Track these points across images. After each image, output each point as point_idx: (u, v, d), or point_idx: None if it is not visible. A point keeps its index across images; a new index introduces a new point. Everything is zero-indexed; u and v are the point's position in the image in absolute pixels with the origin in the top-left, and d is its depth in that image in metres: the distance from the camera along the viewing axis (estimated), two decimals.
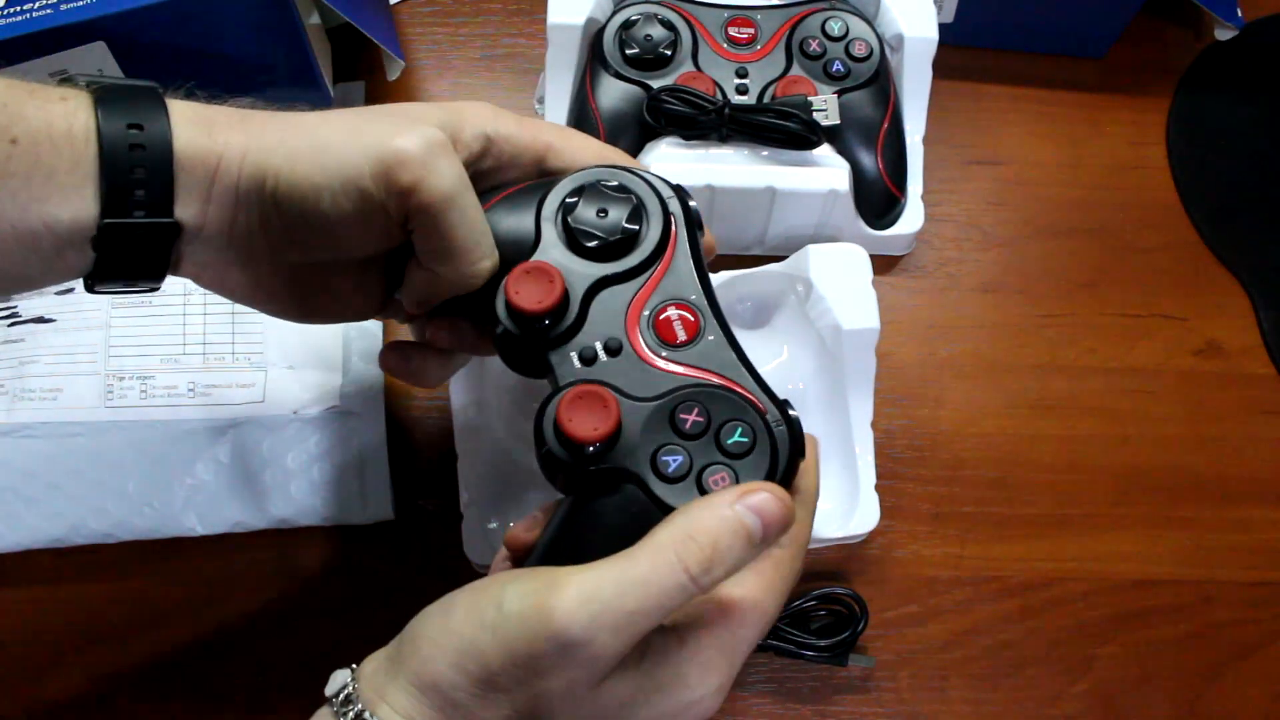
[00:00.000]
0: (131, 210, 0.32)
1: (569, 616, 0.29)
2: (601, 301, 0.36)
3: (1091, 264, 0.60)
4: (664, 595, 0.30)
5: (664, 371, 0.35)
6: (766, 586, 0.33)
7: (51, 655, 0.48)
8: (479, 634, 0.30)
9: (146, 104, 0.33)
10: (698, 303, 0.36)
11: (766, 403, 0.34)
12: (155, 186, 0.33)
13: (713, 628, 0.32)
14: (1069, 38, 0.64)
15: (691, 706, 0.32)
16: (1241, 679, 0.51)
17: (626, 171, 0.38)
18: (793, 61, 0.55)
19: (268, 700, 0.48)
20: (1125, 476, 0.55)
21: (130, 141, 0.32)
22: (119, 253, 0.33)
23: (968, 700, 0.50)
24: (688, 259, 0.37)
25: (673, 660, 0.32)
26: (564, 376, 0.35)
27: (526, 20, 0.64)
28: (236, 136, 0.34)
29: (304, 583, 0.50)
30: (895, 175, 0.57)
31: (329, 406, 0.50)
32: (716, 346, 0.35)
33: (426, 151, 0.33)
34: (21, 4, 0.48)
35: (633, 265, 0.36)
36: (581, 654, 0.29)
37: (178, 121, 0.33)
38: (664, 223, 0.37)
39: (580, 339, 0.35)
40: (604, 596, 0.29)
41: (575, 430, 0.33)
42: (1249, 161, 0.64)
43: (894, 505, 0.53)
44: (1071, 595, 0.52)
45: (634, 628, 0.30)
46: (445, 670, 0.30)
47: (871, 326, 0.48)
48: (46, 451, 0.48)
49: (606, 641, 0.29)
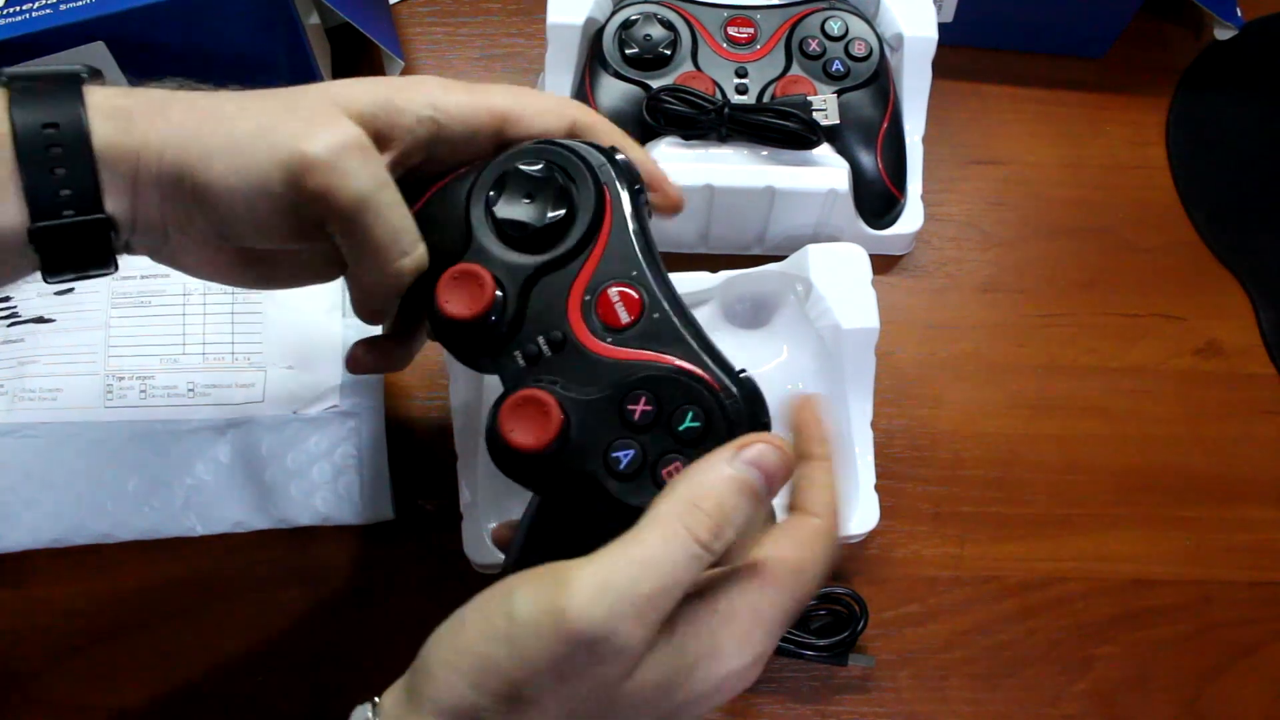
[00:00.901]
0: (60, 211, 0.32)
1: (584, 612, 0.27)
2: (541, 293, 0.34)
3: (1091, 264, 0.60)
4: (678, 569, 0.29)
5: (612, 359, 0.33)
6: (804, 550, 0.32)
7: (51, 655, 0.48)
8: (494, 648, 0.28)
9: (62, 98, 0.32)
10: (640, 278, 0.34)
11: (720, 376, 0.33)
12: (79, 186, 0.32)
13: (748, 595, 0.31)
14: (1069, 38, 0.64)
15: (729, 678, 0.30)
16: (1241, 679, 0.51)
17: (552, 145, 0.36)
18: (792, 61, 0.55)
19: (268, 700, 0.48)
20: (1125, 476, 0.55)
21: (47, 142, 0.31)
22: (60, 251, 0.33)
23: (967, 700, 0.50)
24: (626, 231, 0.34)
25: (705, 631, 0.30)
26: (509, 379, 0.34)
27: (526, 20, 0.64)
28: (155, 129, 0.33)
29: (304, 583, 0.50)
30: (895, 175, 0.57)
31: (329, 406, 0.50)
32: (662, 323, 0.33)
33: (335, 155, 0.32)
34: (21, 4, 0.48)
35: (568, 248, 0.34)
36: (606, 648, 0.28)
37: (95, 116, 0.32)
38: (597, 196, 0.35)
39: (523, 336, 0.34)
40: (618, 584, 0.28)
41: (518, 440, 0.32)
42: (1249, 161, 0.64)
43: (894, 505, 0.53)
44: (1071, 595, 0.52)
45: (655, 609, 0.28)
46: (467, 692, 0.28)
47: (871, 326, 0.48)
48: (46, 451, 0.48)
49: (631, 630, 0.28)
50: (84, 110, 0.32)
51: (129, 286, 0.51)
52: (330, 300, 0.52)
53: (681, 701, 0.30)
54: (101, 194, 0.32)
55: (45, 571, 0.49)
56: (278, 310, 0.52)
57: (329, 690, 0.48)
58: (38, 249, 0.32)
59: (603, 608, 0.28)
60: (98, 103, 0.33)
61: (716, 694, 0.30)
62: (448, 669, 0.29)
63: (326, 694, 0.48)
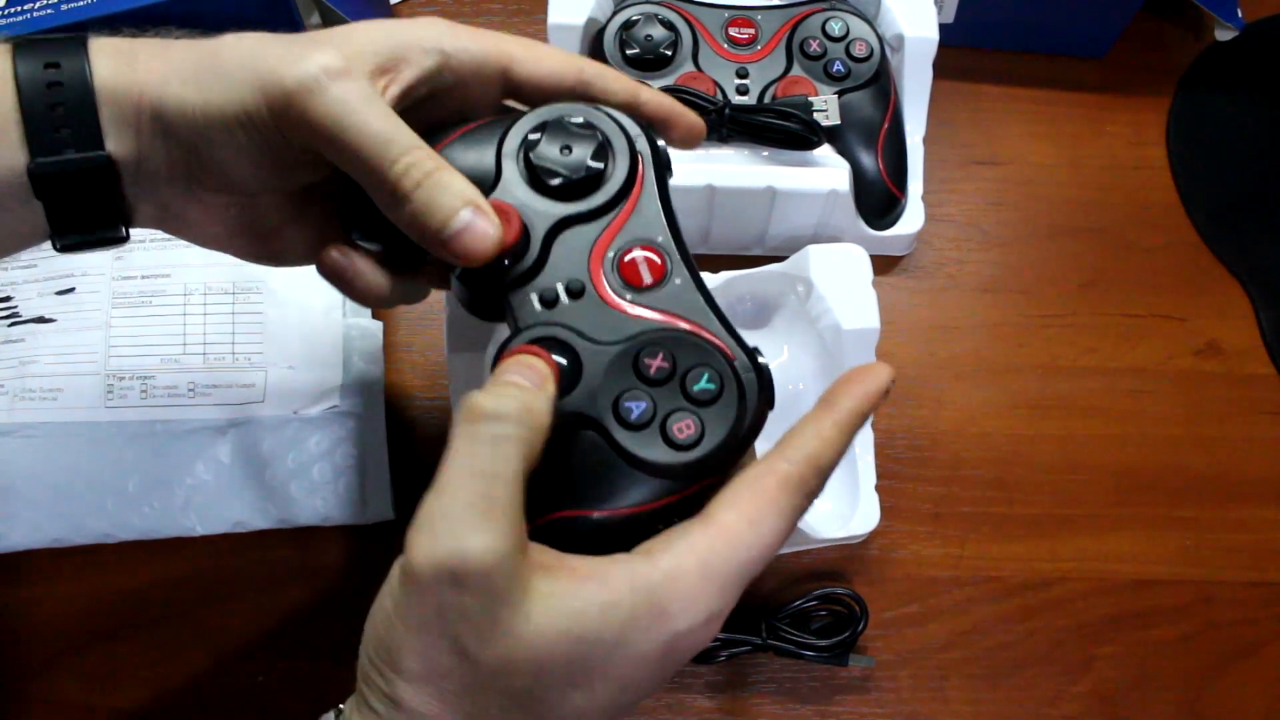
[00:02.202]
0: (61, 149, 0.32)
1: (426, 556, 0.27)
2: (564, 242, 0.34)
3: (1091, 264, 0.60)
4: (481, 462, 0.28)
5: (629, 315, 0.33)
6: (765, 505, 0.30)
7: (51, 655, 0.48)
8: (391, 628, 0.28)
9: (67, 45, 0.32)
10: (665, 245, 0.34)
11: (735, 349, 0.33)
12: (80, 122, 0.32)
13: (697, 551, 0.29)
14: (1069, 38, 0.64)
15: (679, 639, 0.29)
16: (1241, 679, 0.51)
17: (593, 108, 0.36)
18: (793, 62, 0.55)
19: (268, 700, 0.48)
20: (1125, 476, 0.55)
21: (48, 80, 0.31)
22: (63, 200, 0.33)
23: (967, 700, 0.50)
24: (655, 200, 0.35)
25: (645, 588, 0.28)
26: (524, 319, 0.34)
27: (526, 20, 0.64)
28: (155, 66, 0.32)
29: (304, 583, 0.50)
30: (895, 175, 0.57)
31: (329, 406, 0.50)
32: (684, 290, 0.34)
33: (312, 79, 0.31)
34: (21, 4, 0.48)
35: (598, 205, 0.34)
36: (464, 574, 0.26)
37: (97, 55, 0.32)
38: (631, 162, 0.35)
39: (541, 280, 0.34)
40: (437, 513, 0.27)
41: None
42: (1249, 161, 0.64)
43: (894, 505, 0.53)
44: (1071, 595, 0.52)
45: (493, 515, 0.27)
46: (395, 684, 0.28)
47: (871, 327, 0.48)
48: (46, 451, 0.48)
49: (477, 544, 0.27)
50: (86, 51, 0.32)
51: (129, 287, 0.51)
52: (330, 300, 0.52)
53: (627, 660, 0.28)
54: (102, 132, 0.32)
55: (45, 571, 0.49)
56: (278, 310, 0.52)
57: (329, 690, 0.48)
58: (39, 194, 0.32)
59: (433, 539, 0.27)
60: (100, 44, 0.33)
61: (667, 656, 0.29)
62: (374, 667, 0.29)
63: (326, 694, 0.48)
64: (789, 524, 0.30)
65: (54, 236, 0.34)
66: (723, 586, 0.29)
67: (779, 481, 0.30)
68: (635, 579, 0.28)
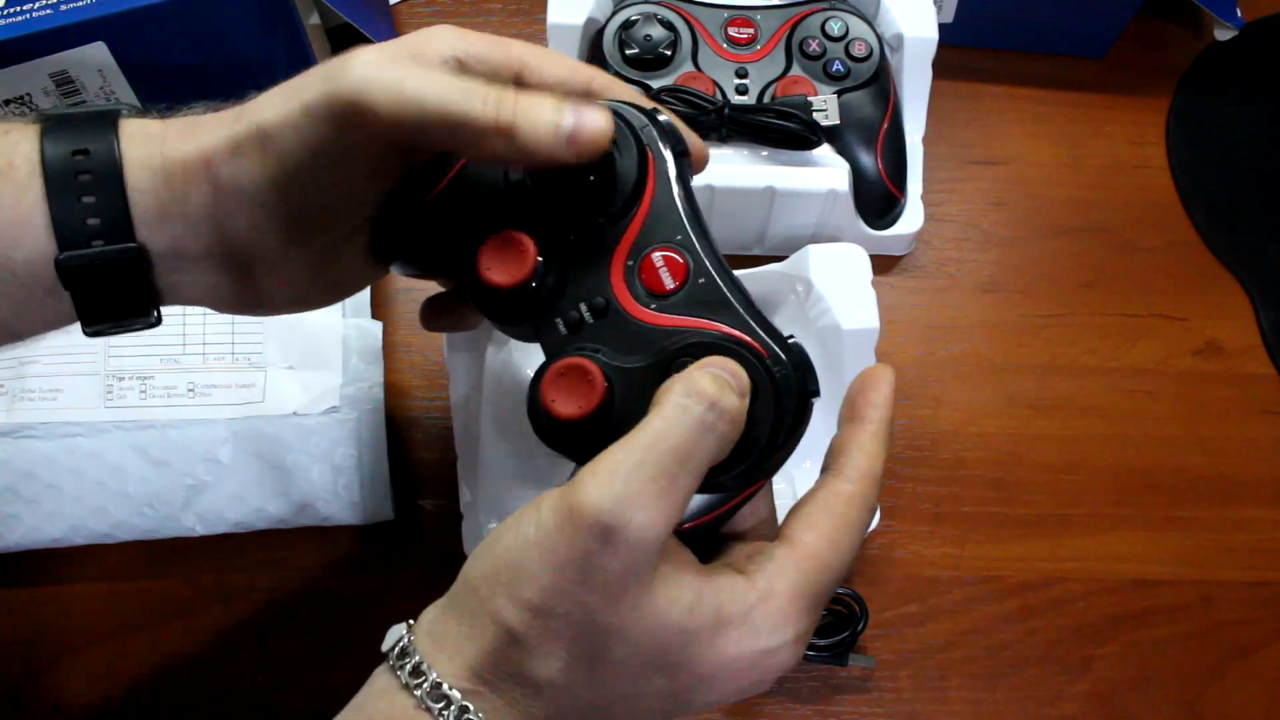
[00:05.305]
0: (88, 241, 0.31)
1: (594, 504, 0.27)
2: (582, 257, 0.33)
3: (1091, 264, 0.60)
4: (685, 443, 0.28)
5: (656, 326, 0.32)
6: (840, 526, 0.31)
7: (51, 655, 0.48)
8: (526, 555, 0.28)
9: (96, 127, 0.31)
10: (684, 242, 0.33)
11: (768, 343, 0.32)
12: (109, 211, 0.31)
13: (787, 575, 0.30)
14: (1069, 38, 0.64)
15: (766, 657, 0.30)
16: (1241, 679, 0.51)
17: None
18: (793, 61, 0.55)
19: (268, 701, 0.48)
20: (1125, 476, 0.55)
21: (76, 169, 0.30)
22: (92, 291, 0.32)
23: (967, 700, 0.50)
24: (669, 194, 0.33)
25: (743, 605, 0.30)
26: (551, 348, 0.33)
27: (526, 20, 0.64)
28: (190, 146, 0.31)
29: (304, 583, 0.50)
30: (895, 175, 0.57)
31: (329, 406, 0.50)
32: (708, 289, 0.32)
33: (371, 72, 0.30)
34: (21, 4, 0.48)
35: (611, 213, 0.33)
36: (621, 539, 0.27)
37: (127, 141, 0.31)
38: (639, 158, 0.33)
39: (564, 303, 0.33)
40: (623, 471, 0.28)
41: (560, 410, 0.31)
42: (1249, 161, 0.64)
43: (894, 505, 0.53)
44: (1071, 595, 0.52)
45: (669, 494, 0.28)
46: (504, 604, 0.29)
47: (871, 326, 0.48)
48: (46, 451, 0.48)
49: (644, 519, 0.28)
50: (116, 137, 0.31)
51: None
52: None
53: (714, 662, 0.30)
54: (133, 222, 0.31)
55: (45, 571, 0.49)
56: None
57: (329, 690, 0.48)
58: (67, 285, 0.31)
59: (610, 493, 0.27)
60: (131, 130, 0.32)
61: (752, 669, 0.30)
62: (487, 582, 0.29)
63: (326, 694, 0.48)
64: (860, 539, 0.32)
65: (83, 324, 0.33)
66: (809, 607, 0.31)
67: (846, 501, 0.32)
68: (736, 595, 0.30)
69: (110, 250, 0.31)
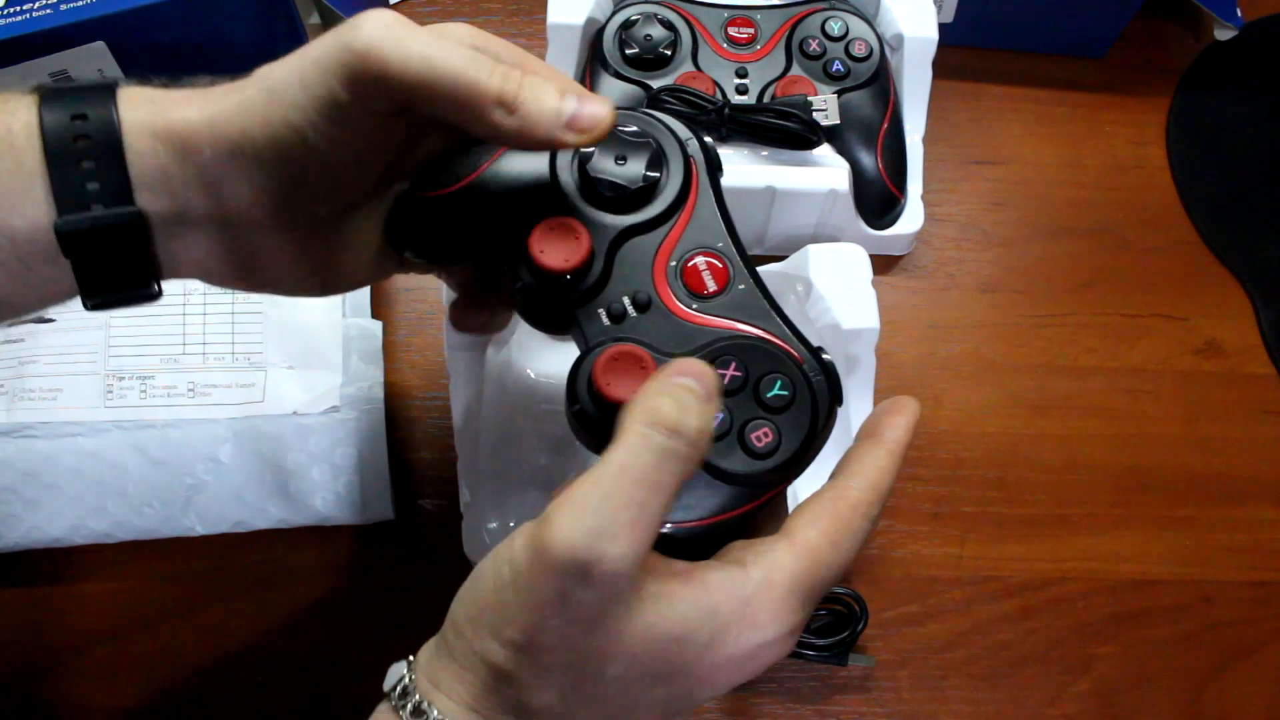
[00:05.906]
0: (87, 205, 0.30)
1: (565, 542, 0.27)
2: (626, 254, 0.34)
3: (1091, 264, 0.60)
4: (650, 470, 0.28)
5: (697, 324, 0.34)
6: (842, 528, 0.32)
7: (51, 655, 0.48)
8: (504, 596, 0.29)
9: (94, 95, 0.31)
10: (725, 250, 0.35)
11: (802, 352, 0.33)
12: (108, 176, 0.31)
13: (786, 567, 0.31)
14: (1069, 38, 0.64)
15: (762, 649, 0.30)
16: (1241, 679, 0.51)
17: (642, 114, 0.36)
18: (792, 61, 0.55)
19: (268, 700, 0.48)
20: (1125, 476, 0.55)
21: (75, 133, 0.30)
22: (92, 258, 0.31)
23: (967, 700, 0.50)
24: (711, 204, 0.35)
25: (740, 596, 0.30)
26: (593, 336, 0.34)
27: (526, 20, 0.64)
28: (193, 110, 0.31)
29: (304, 583, 0.50)
30: (895, 175, 0.57)
31: (329, 406, 0.50)
32: (748, 295, 0.34)
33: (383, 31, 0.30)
34: (21, 4, 0.48)
35: (656, 214, 0.35)
36: (597, 571, 0.27)
37: (125, 105, 0.31)
38: (684, 167, 0.35)
39: (607, 295, 0.34)
40: (593, 504, 0.28)
41: (614, 392, 0.31)
42: (1249, 161, 0.64)
43: (894, 505, 0.53)
44: (1071, 595, 0.52)
45: (639, 525, 0.28)
46: (490, 644, 0.29)
47: (871, 326, 0.48)
48: (46, 451, 0.48)
49: (618, 551, 0.27)
50: (115, 102, 0.31)
51: None
52: (330, 300, 0.52)
53: (712, 663, 0.30)
54: (131, 185, 0.31)
55: (45, 571, 0.49)
56: (278, 310, 0.52)
57: (328, 690, 0.48)
58: (67, 252, 0.31)
59: (582, 527, 0.27)
60: (131, 95, 0.32)
61: (750, 661, 0.31)
62: (471, 624, 0.30)
63: (325, 694, 0.48)
64: (859, 547, 0.32)
65: (83, 296, 0.33)
66: (804, 601, 0.31)
67: (851, 506, 0.32)
68: (733, 588, 0.30)
69: (109, 214, 0.31)
